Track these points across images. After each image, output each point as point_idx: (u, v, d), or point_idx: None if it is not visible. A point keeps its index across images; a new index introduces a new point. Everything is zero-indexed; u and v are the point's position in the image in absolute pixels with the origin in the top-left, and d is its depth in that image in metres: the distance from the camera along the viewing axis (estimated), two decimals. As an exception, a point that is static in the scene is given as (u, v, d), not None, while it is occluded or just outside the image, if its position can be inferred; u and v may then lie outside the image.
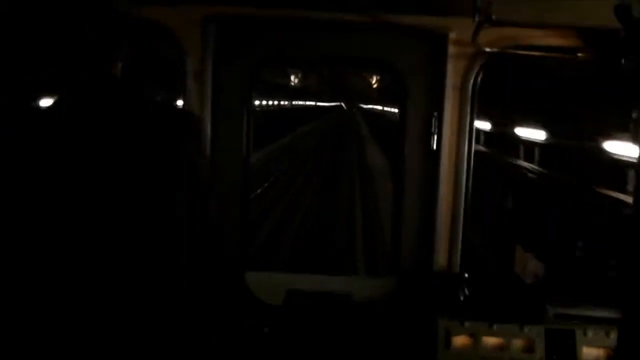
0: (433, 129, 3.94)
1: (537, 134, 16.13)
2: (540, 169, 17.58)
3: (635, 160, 4.26)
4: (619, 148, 10.35)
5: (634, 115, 3.97)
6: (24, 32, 3.82)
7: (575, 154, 13.73)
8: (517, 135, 17.69)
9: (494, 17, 3.63)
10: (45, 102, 3.54)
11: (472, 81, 3.90)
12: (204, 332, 2.87)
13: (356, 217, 19.63)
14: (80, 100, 2.73)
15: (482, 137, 22.04)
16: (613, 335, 3.65)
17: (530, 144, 18.35)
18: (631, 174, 10.43)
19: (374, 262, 14.33)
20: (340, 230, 17.73)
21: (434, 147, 3.95)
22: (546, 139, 15.90)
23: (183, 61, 3.91)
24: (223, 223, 3.94)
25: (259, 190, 20.22)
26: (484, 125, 20.07)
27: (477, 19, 3.64)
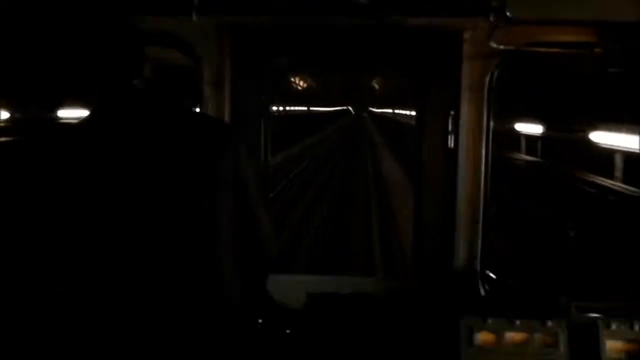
0: (450, 129, 4.24)
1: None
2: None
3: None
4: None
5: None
6: (40, 50, 4.11)
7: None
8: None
9: (508, 14, 3.94)
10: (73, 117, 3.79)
11: (488, 80, 4.19)
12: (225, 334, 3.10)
13: (373, 224, 19.99)
14: (110, 115, 3.00)
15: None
16: (637, 328, 3.92)
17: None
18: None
19: (393, 265, 14.69)
20: (358, 236, 18.12)
21: (452, 146, 4.24)
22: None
23: (200, 72, 4.21)
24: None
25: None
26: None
27: (492, 18, 3.96)
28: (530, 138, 27.15)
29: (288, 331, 4.19)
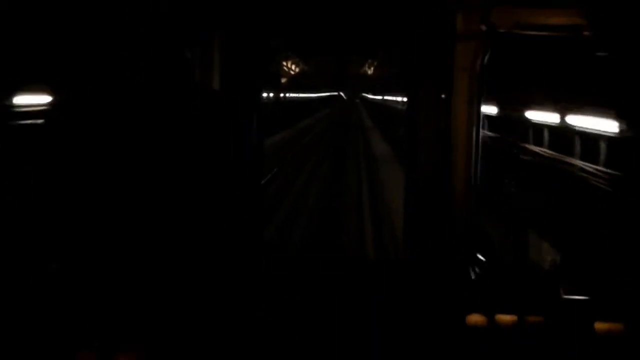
0: (442, 108, 4.41)
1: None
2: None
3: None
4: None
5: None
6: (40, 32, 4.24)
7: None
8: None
9: None
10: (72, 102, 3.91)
11: (479, 61, 4.36)
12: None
13: (364, 206, 20.22)
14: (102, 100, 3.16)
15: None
16: (626, 309, 4.11)
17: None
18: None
19: (384, 246, 14.84)
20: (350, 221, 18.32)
21: (442, 126, 4.41)
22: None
23: (193, 53, 4.35)
24: (237, 204, 4.40)
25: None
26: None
27: (484, 1, 4.14)
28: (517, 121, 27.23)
29: (281, 305, 4.37)
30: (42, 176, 3.14)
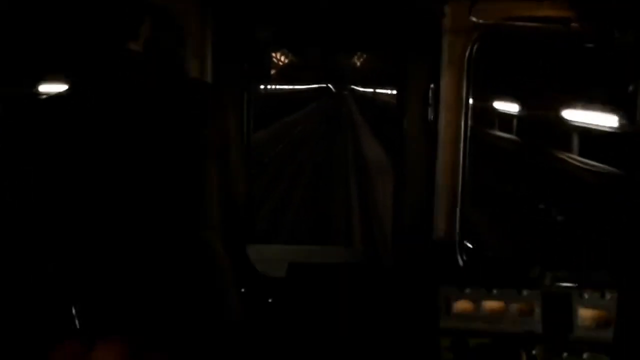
0: (430, 102, 4.53)
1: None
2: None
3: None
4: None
5: (631, 87, 4.58)
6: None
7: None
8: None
9: None
10: (56, 88, 3.98)
11: (467, 54, 4.47)
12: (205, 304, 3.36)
13: (352, 195, 20.37)
14: (93, 86, 3.22)
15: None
16: (609, 297, 4.25)
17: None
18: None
19: (372, 235, 15.08)
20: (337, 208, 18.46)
21: (431, 118, 4.53)
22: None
23: (183, 44, 4.44)
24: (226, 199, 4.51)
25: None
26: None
27: None
28: (504, 116, 27.75)
29: (270, 300, 4.48)
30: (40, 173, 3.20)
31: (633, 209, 2.77)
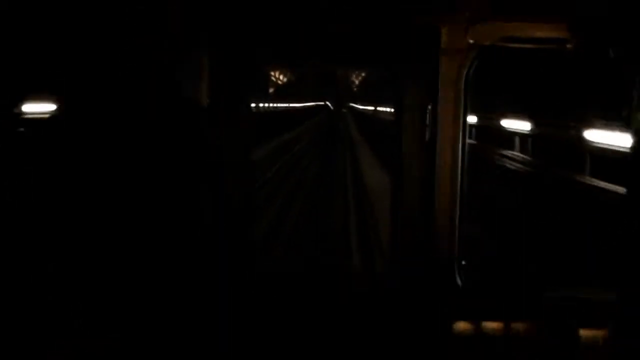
0: (427, 122, 4.56)
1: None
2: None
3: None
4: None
5: (628, 104, 4.62)
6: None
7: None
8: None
9: (485, 11, 4.28)
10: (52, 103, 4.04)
11: (465, 74, 4.51)
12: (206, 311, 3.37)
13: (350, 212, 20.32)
14: (84, 100, 3.28)
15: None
16: (610, 317, 4.27)
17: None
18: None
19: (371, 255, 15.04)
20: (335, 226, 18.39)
21: (428, 138, 4.56)
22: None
23: (181, 60, 4.48)
24: (227, 213, 4.52)
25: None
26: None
27: (468, 13, 4.30)
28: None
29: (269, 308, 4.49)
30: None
31: (630, 224, 2.79)
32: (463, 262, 4.55)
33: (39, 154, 3.28)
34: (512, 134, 20.84)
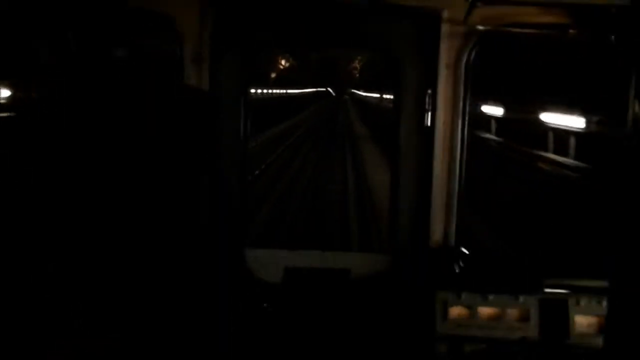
0: (427, 106, 4.57)
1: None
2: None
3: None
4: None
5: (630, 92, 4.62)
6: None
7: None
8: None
9: None
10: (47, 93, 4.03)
11: (465, 59, 4.51)
12: (205, 310, 3.42)
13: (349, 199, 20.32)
14: (83, 90, 3.29)
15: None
16: (604, 304, 4.29)
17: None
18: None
19: (369, 241, 15.07)
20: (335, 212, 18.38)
21: (428, 123, 4.57)
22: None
23: (182, 48, 4.48)
24: (223, 202, 4.54)
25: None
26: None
27: None
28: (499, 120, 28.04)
29: (266, 305, 4.52)
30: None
31: (624, 213, 2.81)
32: (461, 248, 4.58)
33: (39, 151, 3.29)
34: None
